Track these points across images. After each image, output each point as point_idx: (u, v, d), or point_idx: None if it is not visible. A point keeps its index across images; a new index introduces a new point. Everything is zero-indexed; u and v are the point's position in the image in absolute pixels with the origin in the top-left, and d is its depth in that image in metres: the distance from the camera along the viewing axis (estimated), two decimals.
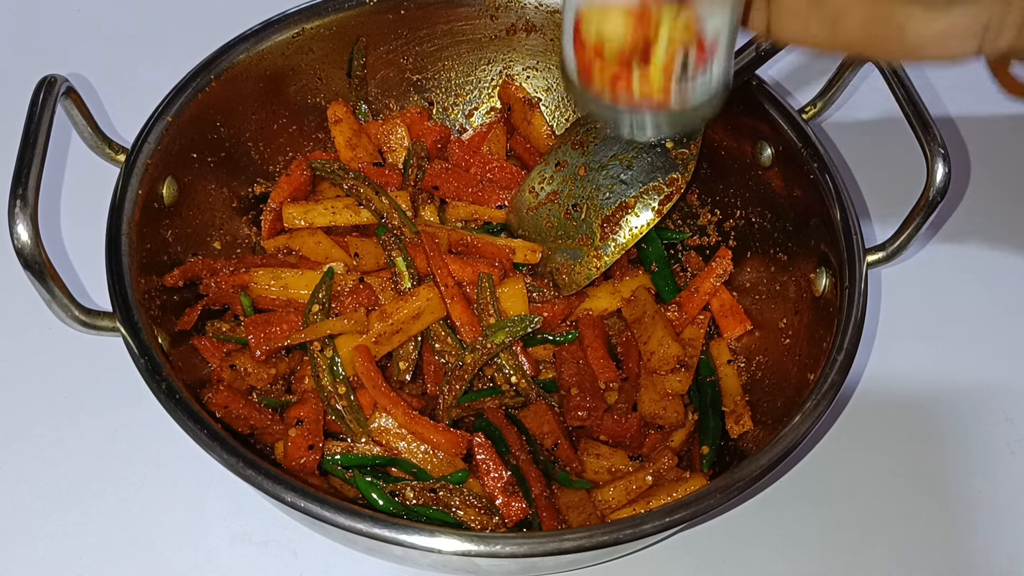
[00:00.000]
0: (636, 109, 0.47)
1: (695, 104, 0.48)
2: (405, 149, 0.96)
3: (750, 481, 0.69)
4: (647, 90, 0.46)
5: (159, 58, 1.12)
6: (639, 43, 0.45)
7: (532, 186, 0.92)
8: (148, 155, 0.80)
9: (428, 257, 0.84)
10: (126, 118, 0.99)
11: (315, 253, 0.87)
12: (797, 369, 0.81)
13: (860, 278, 0.78)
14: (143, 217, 0.79)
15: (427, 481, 0.78)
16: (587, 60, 0.47)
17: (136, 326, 0.72)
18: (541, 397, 0.84)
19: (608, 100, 0.47)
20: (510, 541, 0.65)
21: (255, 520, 0.83)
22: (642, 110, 0.47)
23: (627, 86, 0.46)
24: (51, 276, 0.68)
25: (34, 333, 0.92)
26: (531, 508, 0.77)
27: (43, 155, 0.70)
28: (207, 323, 0.84)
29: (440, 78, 1.01)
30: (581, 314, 0.89)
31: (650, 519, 0.67)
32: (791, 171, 0.86)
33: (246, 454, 0.67)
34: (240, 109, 0.90)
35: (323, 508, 0.65)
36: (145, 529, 0.83)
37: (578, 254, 0.88)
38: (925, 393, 0.95)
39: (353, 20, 0.93)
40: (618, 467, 0.81)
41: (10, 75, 1.08)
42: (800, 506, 0.87)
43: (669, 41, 0.45)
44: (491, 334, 0.81)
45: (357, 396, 0.80)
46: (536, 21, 0.97)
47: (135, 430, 0.87)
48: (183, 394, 0.70)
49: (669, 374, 0.85)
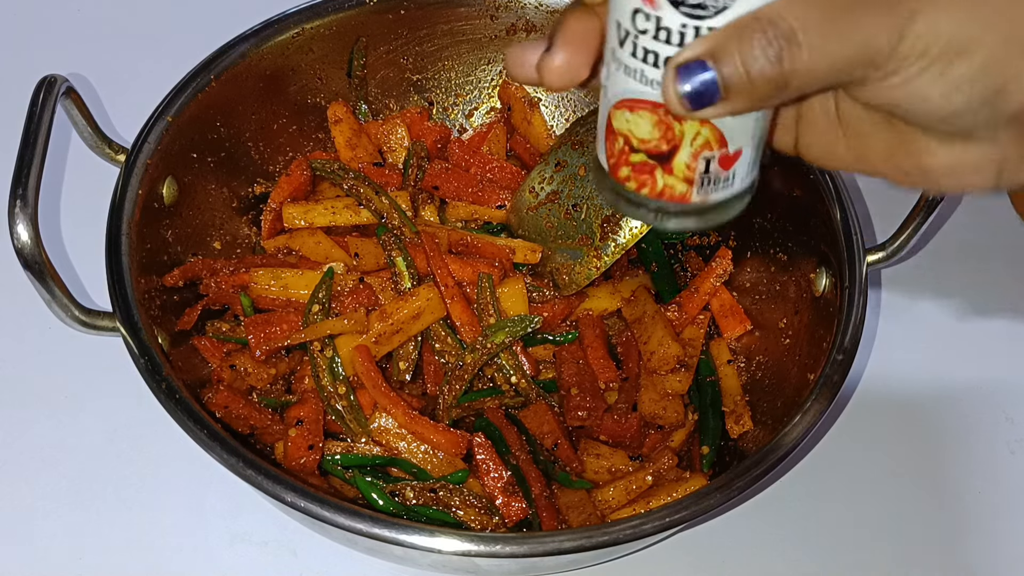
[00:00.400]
0: (658, 200, 0.49)
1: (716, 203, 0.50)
2: (405, 149, 0.96)
3: (750, 481, 0.69)
4: (670, 185, 0.49)
5: (159, 58, 1.11)
6: (664, 145, 0.47)
7: (532, 186, 0.92)
8: (148, 155, 0.80)
9: (428, 257, 0.84)
10: (126, 118, 0.99)
11: (315, 253, 0.87)
12: (797, 369, 0.81)
13: (860, 278, 0.78)
14: (143, 217, 0.79)
15: (427, 481, 0.78)
16: (616, 148, 0.49)
17: (136, 326, 0.72)
18: (541, 397, 0.84)
19: (633, 188, 0.50)
20: (510, 541, 0.65)
21: (255, 520, 0.83)
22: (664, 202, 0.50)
23: (651, 179, 0.49)
24: (51, 276, 0.68)
25: (34, 333, 0.92)
26: (531, 508, 0.77)
27: (43, 155, 0.70)
28: (207, 323, 0.84)
29: (440, 78, 1.01)
30: (581, 314, 0.89)
31: (650, 519, 0.67)
32: (791, 171, 0.86)
33: (246, 454, 0.67)
34: (240, 109, 0.90)
35: (323, 508, 0.65)
36: (145, 529, 0.83)
37: (578, 254, 0.88)
38: (925, 393, 0.95)
39: (353, 20, 0.93)
40: (618, 467, 0.81)
41: (10, 75, 1.08)
42: (800, 506, 0.87)
43: (693, 147, 0.47)
44: (491, 334, 0.82)
45: (357, 396, 0.80)
46: (536, 21, 0.97)
47: (135, 430, 0.87)
48: (183, 394, 0.70)
49: (669, 374, 0.85)
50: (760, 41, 0.42)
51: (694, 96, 0.43)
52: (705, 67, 0.43)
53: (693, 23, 0.43)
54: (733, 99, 0.44)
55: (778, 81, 0.43)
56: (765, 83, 0.43)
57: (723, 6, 0.43)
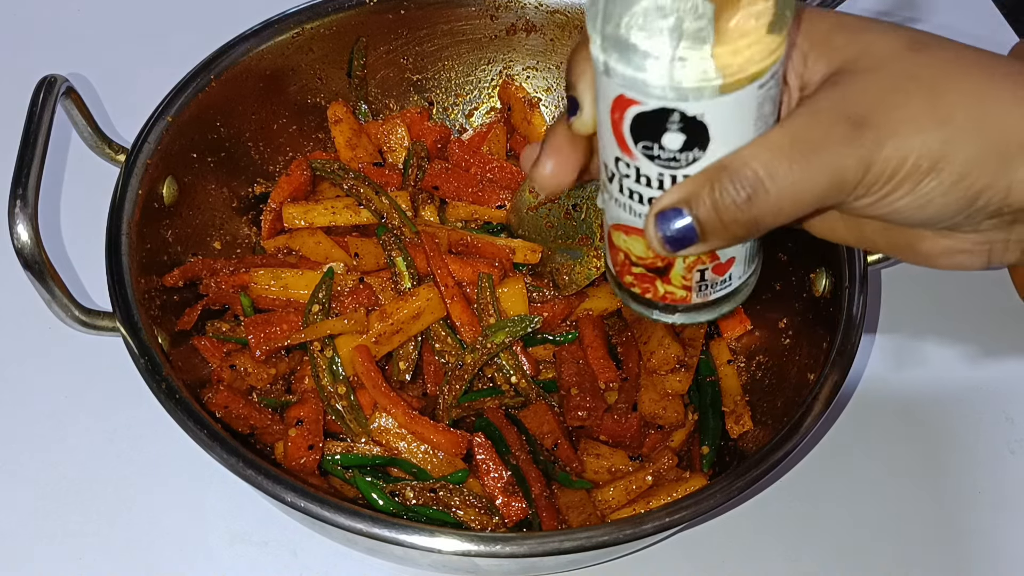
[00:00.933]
0: (663, 302, 0.53)
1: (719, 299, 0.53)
2: (405, 149, 0.96)
3: (750, 481, 0.69)
4: (670, 291, 0.52)
5: (159, 58, 1.12)
6: (659, 262, 0.51)
7: (532, 186, 0.92)
8: (148, 155, 0.80)
9: (428, 257, 0.84)
10: (126, 118, 0.99)
11: (315, 253, 0.86)
12: (797, 369, 0.81)
13: (860, 278, 0.78)
14: (143, 217, 0.79)
15: (427, 481, 0.78)
16: (619, 259, 0.53)
17: (136, 326, 0.72)
18: (541, 397, 0.84)
19: (638, 292, 0.53)
20: (510, 541, 0.65)
21: (255, 520, 0.83)
22: (667, 303, 0.53)
23: (653, 286, 0.52)
24: (51, 276, 0.68)
25: (34, 333, 0.92)
26: (531, 508, 0.77)
27: (43, 155, 0.70)
28: (207, 323, 0.84)
29: (440, 78, 1.01)
30: (581, 314, 0.89)
31: (650, 519, 0.67)
32: None
33: (246, 454, 0.67)
34: (240, 109, 0.90)
35: (323, 508, 0.65)
36: (145, 529, 0.83)
37: (578, 254, 0.88)
38: (925, 393, 0.95)
39: (353, 20, 0.93)
40: (618, 467, 0.81)
41: (10, 75, 1.08)
42: (800, 506, 0.87)
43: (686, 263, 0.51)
44: (491, 334, 0.82)
45: (357, 396, 0.80)
46: (536, 21, 0.97)
47: (135, 430, 0.88)
48: (183, 394, 0.70)
49: (669, 374, 0.85)
50: (729, 188, 0.45)
51: (673, 240, 0.47)
52: (681, 213, 0.46)
53: (669, 172, 0.46)
54: (710, 240, 0.47)
55: (749, 223, 0.46)
56: (738, 225, 0.46)
57: (694, 159, 0.45)
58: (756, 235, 0.47)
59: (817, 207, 0.46)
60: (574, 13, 0.96)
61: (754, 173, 0.44)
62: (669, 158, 0.46)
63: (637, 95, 0.44)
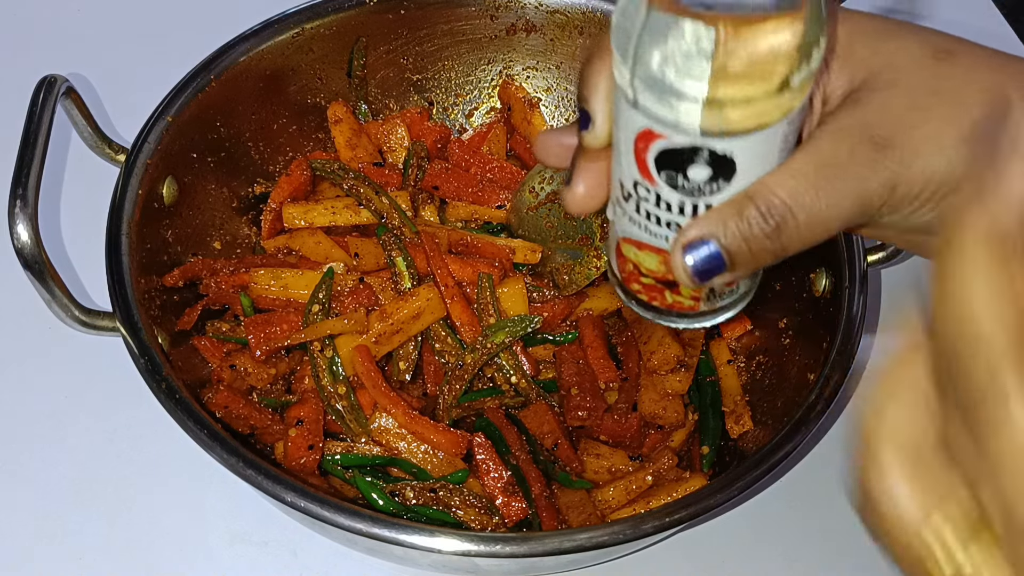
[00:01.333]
0: (669, 309, 0.53)
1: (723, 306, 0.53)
2: (405, 149, 0.96)
3: (750, 481, 0.69)
4: (679, 301, 0.52)
5: (159, 58, 1.11)
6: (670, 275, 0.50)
7: (532, 186, 0.92)
8: (148, 155, 0.80)
9: (428, 257, 0.84)
10: (126, 118, 0.99)
11: (315, 253, 0.86)
12: (797, 369, 0.81)
13: (860, 278, 0.78)
14: (143, 217, 0.79)
15: (427, 481, 0.78)
16: (626, 268, 0.52)
17: (136, 326, 0.72)
18: (541, 397, 0.84)
19: (645, 299, 0.53)
20: (510, 541, 0.65)
21: (255, 520, 0.83)
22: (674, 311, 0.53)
23: (661, 296, 0.52)
24: (51, 276, 0.68)
25: (34, 333, 0.92)
26: (531, 508, 0.77)
27: (43, 155, 0.70)
28: (207, 323, 0.84)
29: (440, 78, 1.01)
30: (581, 314, 0.89)
31: (650, 519, 0.67)
32: None
33: (246, 454, 0.67)
34: (240, 109, 0.90)
35: (323, 508, 0.65)
36: (145, 529, 0.83)
37: (578, 254, 0.88)
38: None
39: (353, 20, 0.93)
40: (618, 467, 0.81)
41: (10, 75, 1.08)
42: (800, 506, 0.87)
43: None
44: (491, 334, 0.81)
45: (357, 396, 0.80)
46: (536, 21, 0.97)
47: (135, 430, 0.87)
48: (183, 394, 0.70)
49: (669, 374, 0.85)
50: (757, 219, 0.45)
51: (701, 272, 0.46)
52: (709, 245, 0.46)
53: (691, 200, 0.46)
54: (738, 269, 0.46)
55: (777, 251, 0.46)
56: (766, 253, 0.46)
57: (718, 188, 0.45)
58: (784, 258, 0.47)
59: (843, 229, 0.47)
60: (574, 13, 0.96)
61: (782, 202, 0.44)
62: (693, 188, 0.45)
63: (666, 130, 0.43)
